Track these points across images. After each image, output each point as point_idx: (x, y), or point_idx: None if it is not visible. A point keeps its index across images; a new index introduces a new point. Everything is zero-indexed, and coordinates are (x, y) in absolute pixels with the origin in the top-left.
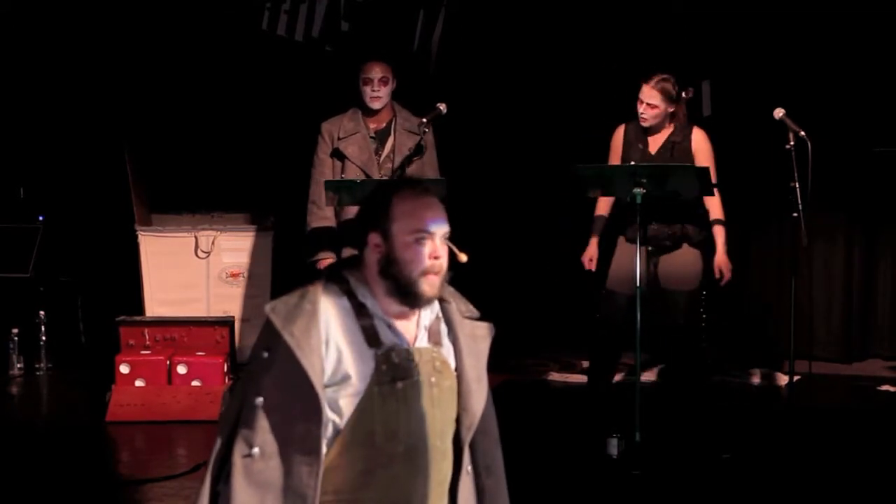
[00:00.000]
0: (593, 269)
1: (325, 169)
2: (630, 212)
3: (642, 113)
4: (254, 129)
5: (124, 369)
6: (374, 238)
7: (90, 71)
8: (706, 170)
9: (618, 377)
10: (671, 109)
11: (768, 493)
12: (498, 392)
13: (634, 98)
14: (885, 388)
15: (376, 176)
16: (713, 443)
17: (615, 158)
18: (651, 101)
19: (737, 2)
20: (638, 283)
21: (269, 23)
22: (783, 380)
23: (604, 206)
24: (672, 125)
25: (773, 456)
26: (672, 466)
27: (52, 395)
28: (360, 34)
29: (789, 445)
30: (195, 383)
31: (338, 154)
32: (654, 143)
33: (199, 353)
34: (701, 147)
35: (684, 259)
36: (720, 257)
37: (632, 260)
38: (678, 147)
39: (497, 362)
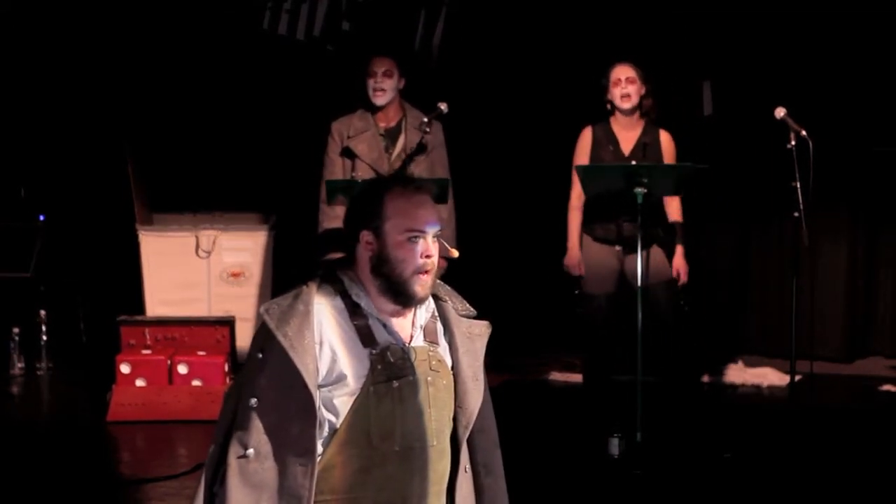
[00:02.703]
0: (583, 272)
1: (336, 169)
2: (601, 211)
3: (624, 90)
4: (255, 129)
5: (125, 369)
6: (367, 236)
7: (91, 70)
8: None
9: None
10: (643, 91)
11: (769, 492)
12: (498, 392)
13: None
14: (886, 387)
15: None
16: (714, 442)
17: (582, 160)
18: (629, 74)
19: (737, 2)
20: (639, 282)
21: (270, 22)
22: (785, 379)
23: (578, 206)
24: (641, 123)
25: (774, 455)
26: (673, 466)
27: (52, 395)
28: (361, 34)
29: (791, 445)
30: (196, 383)
31: (348, 153)
32: (626, 143)
33: (200, 353)
34: (668, 149)
35: (653, 257)
36: (679, 259)
37: (605, 260)
38: (650, 148)
39: (497, 362)
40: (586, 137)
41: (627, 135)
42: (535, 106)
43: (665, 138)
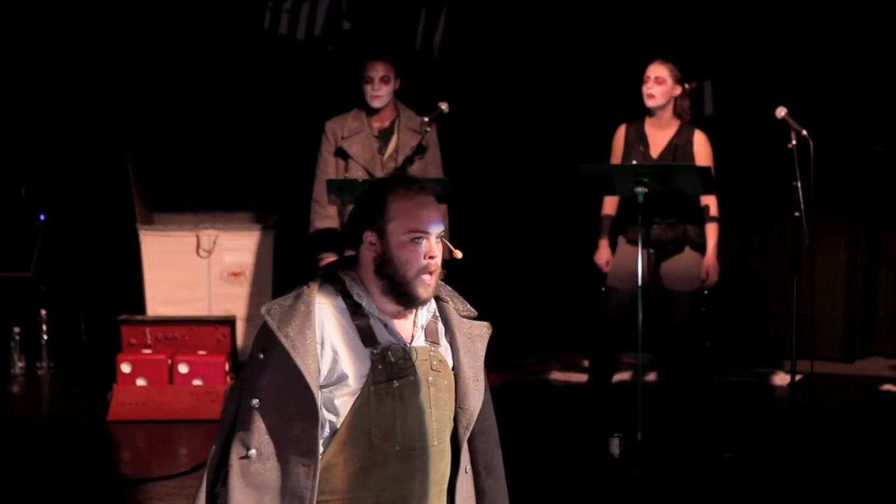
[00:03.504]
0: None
1: (329, 168)
2: (631, 212)
3: (649, 90)
4: (255, 129)
5: (126, 368)
6: (370, 236)
7: (92, 70)
8: (707, 168)
9: (619, 376)
10: (676, 93)
11: (770, 492)
12: (498, 392)
13: (638, 96)
14: (886, 387)
15: (380, 175)
16: (715, 442)
17: (616, 159)
18: (659, 73)
19: (737, 2)
20: (640, 283)
21: (270, 22)
22: (785, 379)
23: (610, 205)
24: (675, 123)
25: (774, 455)
26: (674, 466)
27: (53, 395)
28: (362, 33)
29: (791, 445)
30: (196, 382)
31: (341, 153)
32: (656, 144)
33: (201, 353)
34: (702, 150)
35: (686, 261)
36: (709, 259)
37: (632, 259)
38: (680, 150)
39: (497, 362)
40: (619, 136)
41: (659, 135)
42: (536, 106)
43: (699, 139)
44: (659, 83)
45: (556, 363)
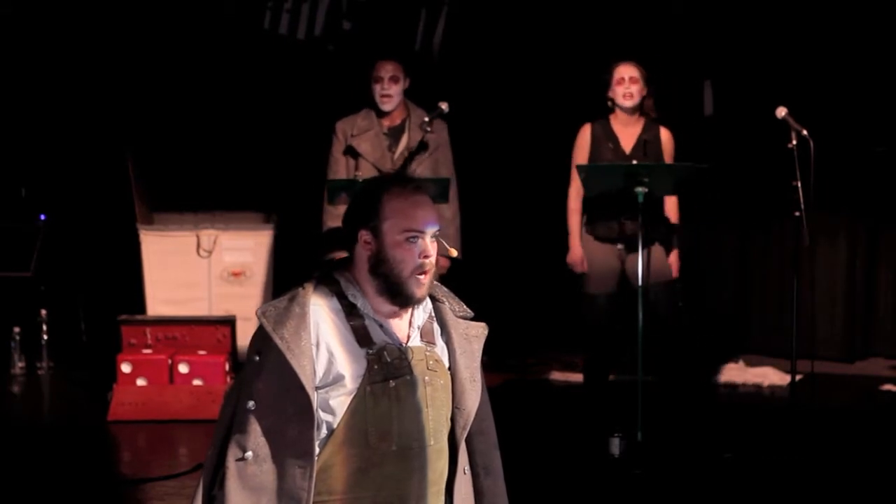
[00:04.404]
0: (586, 269)
1: (339, 168)
2: (601, 209)
3: (628, 90)
4: (256, 128)
5: (126, 368)
6: (365, 235)
7: (92, 70)
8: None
9: (613, 376)
10: (644, 91)
11: (770, 492)
12: (499, 392)
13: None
14: (887, 387)
15: None
16: (715, 442)
17: (582, 158)
18: (633, 73)
19: (738, 2)
20: (640, 282)
21: (270, 22)
22: (785, 379)
23: (577, 203)
24: (642, 120)
25: (774, 455)
26: (674, 466)
27: (53, 394)
28: (362, 33)
29: (791, 445)
30: (196, 382)
31: (351, 151)
32: (626, 140)
33: (201, 353)
34: (668, 146)
35: (655, 254)
36: (673, 256)
37: (606, 259)
38: (650, 145)
39: (497, 362)
40: (585, 135)
41: (627, 132)
42: (536, 105)
43: (665, 135)
44: (634, 83)
45: (556, 363)
